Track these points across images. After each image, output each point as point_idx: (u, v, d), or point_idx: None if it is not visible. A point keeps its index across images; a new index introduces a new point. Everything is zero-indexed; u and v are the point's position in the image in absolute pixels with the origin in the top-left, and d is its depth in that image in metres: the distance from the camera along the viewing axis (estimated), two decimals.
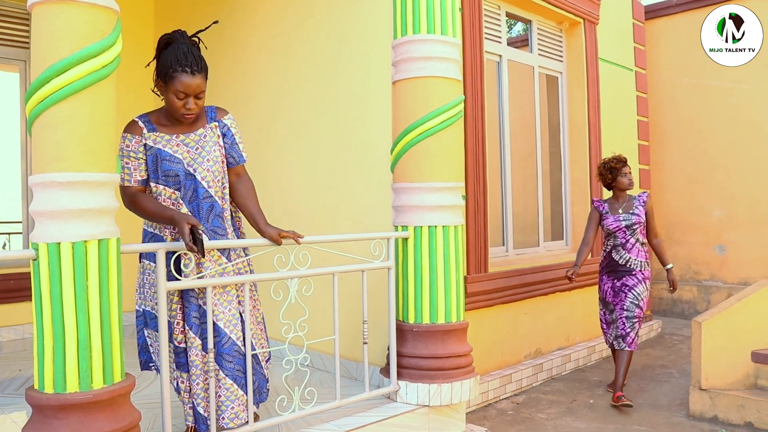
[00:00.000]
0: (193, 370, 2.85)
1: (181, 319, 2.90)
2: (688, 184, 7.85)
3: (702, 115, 7.75)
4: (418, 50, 3.58)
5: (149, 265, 2.92)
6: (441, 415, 3.63)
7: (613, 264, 4.78)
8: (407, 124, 3.59)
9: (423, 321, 3.58)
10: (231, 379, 2.90)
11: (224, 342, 2.88)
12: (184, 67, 2.77)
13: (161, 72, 2.81)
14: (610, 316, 4.85)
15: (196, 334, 2.85)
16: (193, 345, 2.85)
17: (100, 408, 2.31)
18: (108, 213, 2.39)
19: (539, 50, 5.94)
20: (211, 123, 2.99)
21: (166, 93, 2.80)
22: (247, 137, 5.16)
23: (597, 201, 4.92)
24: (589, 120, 6.14)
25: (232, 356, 2.91)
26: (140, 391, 3.92)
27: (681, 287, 7.95)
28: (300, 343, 3.24)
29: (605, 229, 4.79)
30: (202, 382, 2.86)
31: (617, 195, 4.84)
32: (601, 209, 4.84)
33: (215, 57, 5.57)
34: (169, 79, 2.77)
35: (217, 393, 2.88)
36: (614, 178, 4.81)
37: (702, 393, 4.31)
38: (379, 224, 4.09)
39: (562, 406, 4.69)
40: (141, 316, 2.99)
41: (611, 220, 4.76)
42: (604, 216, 4.80)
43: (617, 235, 4.74)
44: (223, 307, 2.90)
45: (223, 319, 2.89)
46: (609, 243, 4.81)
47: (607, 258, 4.83)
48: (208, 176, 2.89)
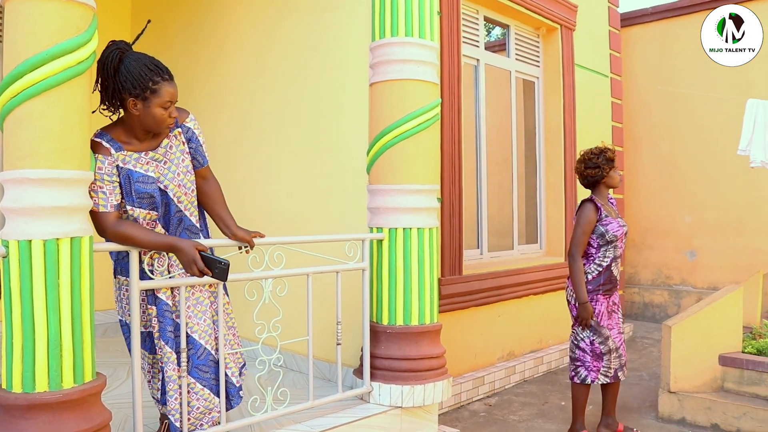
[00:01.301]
0: (170, 385, 2.78)
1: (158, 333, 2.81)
2: (661, 190, 7.97)
3: (674, 122, 7.87)
4: (396, 53, 3.60)
5: (125, 280, 2.80)
6: (414, 416, 3.64)
7: (612, 280, 3.96)
8: (384, 126, 3.61)
9: (397, 322, 3.60)
10: (208, 389, 2.88)
11: (200, 354, 2.85)
12: (164, 76, 2.64)
13: (137, 89, 2.60)
14: (603, 345, 3.93)
15: (172, 349, 2.79)
16: (169, 360, 2.78)
17: (69, 408, 2.28)
18: (81, 211, 2.37)
19: (516, 55, 5.99)
20: (174, 131, 2.83)
21: (149, 109, 2.62)
22: (223, 138, 5.16)
23: (595, 199, 4.01)
24: (565, 125, 6.20)
25: (208, 366, 2.88)
26: (111, 390, 3.88)
27: (652, 291, 8.07)
28: (273, 344, 3.23)
29: (608, 236, 3.91)
30: (179, 396, 2.80)
31: (604, 194, 4.06)
32: (600, 210, 3.96)
33: (191, 57, 5.56)
34: (152, 92, 2.60)
35: (196, 406, 2.85)
36: (609, 170, 4.01)
37: (671, 395, 4.38)
38: (354, 226, 4.10)
39: (534, 408, 4.73)
40: (125, 326, 2.90)
41: (615, 225, 3.94)
42: (603, 220, 3.94)
43: (618, 245, 3.96)
44: (198, 318, 2.86)
45: (198, 330, 2.85)
46: (607, 254, 3.94)
47: (606, 273, 3.94)
48: (178, 191, 2.79)
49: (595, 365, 3.94)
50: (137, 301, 2.68)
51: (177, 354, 2.80)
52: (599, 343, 3.92)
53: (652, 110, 8.07)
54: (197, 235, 2.91)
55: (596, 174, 4.01)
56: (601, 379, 3.95)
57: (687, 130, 7.74)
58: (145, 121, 2.65)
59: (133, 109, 2.63)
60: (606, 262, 3.94)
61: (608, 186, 4.06)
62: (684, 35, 7.86)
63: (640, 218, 8.17)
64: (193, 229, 2.89)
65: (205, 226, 3.02)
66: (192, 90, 5.49)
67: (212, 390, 2.90)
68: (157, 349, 2.85)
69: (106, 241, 2.63)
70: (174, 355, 2.80)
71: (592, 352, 3.94)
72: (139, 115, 2.64)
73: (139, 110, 2.63)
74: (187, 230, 2.87)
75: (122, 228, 2.61)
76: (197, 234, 2.91)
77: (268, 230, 4.26)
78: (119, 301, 2.90)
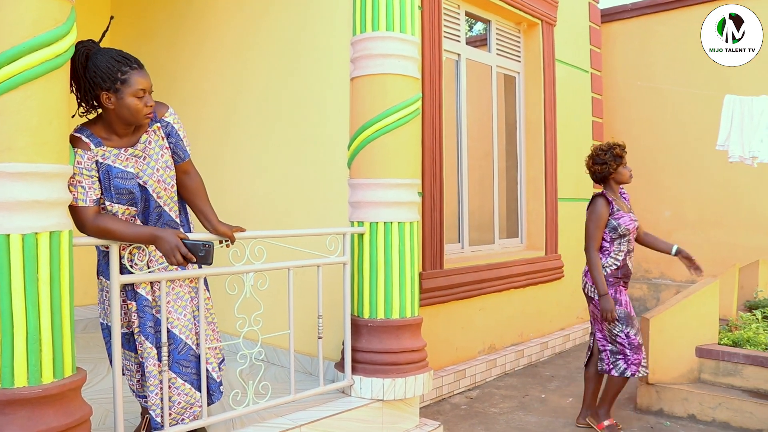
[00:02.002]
0: (151, 380, 2.78)
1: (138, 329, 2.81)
2: (641, 184, 8.03)
3: (653, 117, 7.95)
4: (377, 47, 3.61)
5: (107, 282, 2.79)
6: (395, 409, 3.66)
7: (627, 272, 4.03)
8: (365, 120, 3.62)
9: (378, 316, 3.62)
10: (189, 383, 2.89)
11: (180, 348, 2.85)
12: (132, 66, 2.63)
13: (108, 83, 2.59)
14: (638, 335, 3.96)
15: (153, 344, 2.79)
16: (150, 355, 2.78)
17: (49, 403, 2.27)
18: (60, 205, 2.35)
19: (497, 50, 6.02)
20: (153, 125, 2.81)
21: (122, 100, 2.61)
22: (205, 132, 5.14)
23: (607, 193, 4.05)
24: (545, 120, 6.24)
25: (189, 361, 2.89)
26: (92, 386, 3.87)
27: (632, 285, 8.15)
28: (255, 338, 3.24)
29: (620, 230, 3.96)
30: (159, 391, 2.80)
31: (614, 189, 4.11)
32: (612, 205, 4.00)
33: (173, 51, 5.53)
34: (123, 83, 2.59)
35: (177, 401, 2.85)
36: (617, 167, 4.06)
37: (648, 387, 4.43)
38: (335, 220, 4.10)
39: (515, 400, 4.77)
40: (106, 329, 2.88)
41: (627, 219, 3.98)
42: (615, 214, 3.98)
43: (630, 238, 4.01)
44: (178, 313, 2.86)
45: (178, 325, 2.85)
46: (621, 248, 3.98)
47: (622, 265, 3.99)
48: (158, 187, 2.78)
49: (636, 358, 3.92)
50: (117, 295, 2.67)
51: (157, 349, 2.80)
52: (634, 335, 3.91)
53: (632, 106, 8.14)
54: (177, 230, 2.89)
55: (603, 170, 4.05)
56: (641, 371, 3.93)
57: (666, 126, 7.82)
58: (121, 113, 2.64)
59: (108, 103, 2.62)
60: (621, 255, 3.97)
61: (617, 182, 4.09)
62: (663, 32, 7.94)
63: None
64: (173, 224, 2.88)
65: (186, 221, 3.02)
66: (174, 84, 5.46)
67: (193, 385, 2.90)
68: (137, 345, 2.84)
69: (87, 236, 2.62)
70: (154, 351, 2.79)
71: (630, 345, 3.91)
72: (114, 109, 2.63)
73: (113, 103, 2.62)
74: (166, 225, 2.86)
75: (101, 222, 2.61)
76: (177, 229, 2.89)
77: (251, 224, 4.25)
78: (101, 303, 2.88)
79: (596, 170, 4.10)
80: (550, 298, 6.27)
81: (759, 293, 5.92)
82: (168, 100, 4.94)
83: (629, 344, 3.91)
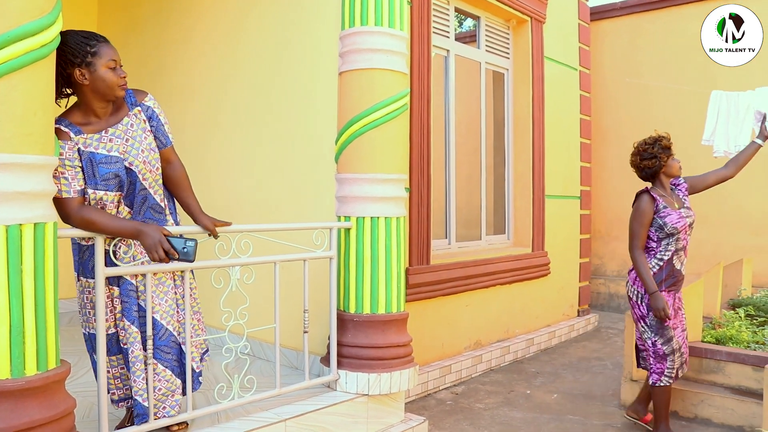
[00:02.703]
0: (137, 365, 2.76)
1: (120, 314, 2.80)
2: (627, 182, 8.03)
3: (641, 115, 8.00)
4: (366, 42, 3.60)
5: (87, 282, 2.77)
6: (380, 404, 3.67)
7: (675, 274, 3.81)
8: (353, 114, 3.62)
9: (363, 311, 3.62)
10: (170, 370, 2.88)
11: (161, 334, 2.85)
12: (99, 39, 2.65)
13: (79, 58, 2.59)
14: (666, 345, 3.77)
15: (138, 328, 2.78)
16: (135, 339, 2.77)
17: (32, 395, 2.26)
18: (45, 196, 2.34)
19: (487, 46, 6.03)
20: (134, 109, 2.82)
21: (96, 73, 2.61)
22: (192, 126, 5.12)
23: (652, 190, 3.90)
24: (534, 117, 6.26)
25: (170, 347, 2.89)
26: (77, 378, 3.85)
27: (617, 283, 8.21)
28: (240, 332, 3.24)
29: (667, 229, 3.76)
30: (146, 375, 2.79)
31: (664, 184, 3.94)
32: (657, 202, 3.82)
33: (161, 44, 5.50)
34: (93, 56, 2.60)
35: (158, 387, 2.85)
36: (668, 159, 3.89)
37: (632, 384, 4.47)
38: (322, 214, 4.10)
39: (500, 396, 4.80)
40: (89, 340, 2.85)
41: (675, 217, 3.77)
42: (662, 212, 3.79)
43: (680, 237, 3.80)
44: (160, 299, 2.86)
45: (159, 311, 2.85)
46: (669, 247, 3.79)
47: (667, 267, 3.80)
48: (143, 168, 2.77)
49: (659, 367, 3.80)
50: (102, 287, 2.66)
51: (142, 333, 2.80)
52: (662, 344, 3.77)
53: (620, 103, 8.18)
54: (161, 214, 2.88)
55: (654, 165, 3.89)
56: (664, 381, 3.80)
57: (653, 124, 7.80)
58: (96, 86, 2.64)
59: (82, 80, 2.62)
60: (667, 255, 3.79)
61: (668, 175, 3.93)
62: (652, 30, 7.98)
63: (606, 210, 8.29)
64: (157, 208, 2.87)
65: (174, 210, 3.01)
66: (162, 77, 5.43)
67: (174, 371, 2.90)
68: (119, 332, 2.81)
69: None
70: (139, 334, 2.78)
71: (655, 353, 3.80)
72: (89, 84, 2.63)
73: (88, 78, 2.62)
74: (151, 209, 2.84)
75: (86, 213, 2.61)
76: (161, 213, 2.88)
77: (238, 218, 4.24)
78: (83, 308, 2.84)
79: (646, 166, 3.92)
80: (536, 295, 6.30)
81: (742, 291, 5.98)
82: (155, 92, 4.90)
83: (654, 352, 3.80)
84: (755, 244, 7.23)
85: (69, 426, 2.37)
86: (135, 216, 2.79)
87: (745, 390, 4.18)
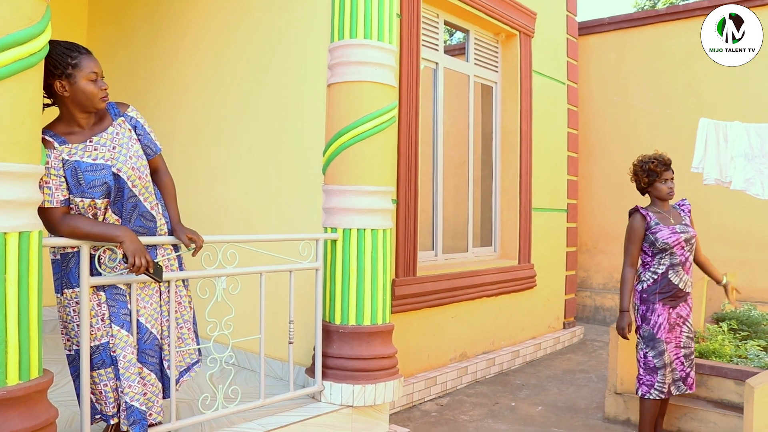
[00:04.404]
0: (131, 369, 2.73)
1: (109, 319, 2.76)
2: (613, 195, 8.14)
3: (627, 130, 8.07)
4: (355, 55, 3.63)
5: (74, 292, 2.74)
6: (364, 415, 3.67)
7: (671, 288, 3.84)
8: (341, 126, 3.64)
9: (349, 322, 3.63)
10: (154, 374, 2.88)
11: (146, 338, 2.85)
12: (80, 51, 2.66)
13: (60, 70, 2.61)
14: (657, 359, 3.81)
15: (128, 331, 2.76)
16: (127, 344, 2.74)
17: (14, 405, 2.25)
18: (30, 205, 2.34)
19: (475, 60, 6.07)
20: (118, 119, 2.84)
21: (76, 86, 2.63)
22: (180, 134, 5.12)
23: (642, 208, 3.97)
24: (521, 130, 6.31)
25: (154, 351, 2.88)
26: (59, 387, 3.82)
27: (603, 295, 8.25)
28: (226, 342, 3.23)
29: (659, 244, 3.82)
30: (141, 379, 2.77)
31: (657, 203, 4.00)
32: (648, 219, 3.90)
33: (150, 54, 5.51)
34: (74, 68, 2.62)
35: (143, 391, 2.83)
36: (651, 183, 3.97)
37: (617, 397, 4.49)
38: (309, 225, 4.11)
39: (485, 408, 4.80)
40: (74, 360, 2.80)
41: (667, 233, 3.83)
42: (653, 228, 3.86)
43: (675, 252, 3.84)
44: (145, 302, 2.86)
45: (144, 314, 2.85)
46: (663, 262, 3.85)
47: (662, 281, 3.85)
48: (132, 174, 2.77)
49: (648, 379, 3.83)
50: (87, 294, 2.65)
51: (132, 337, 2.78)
52: (653, 357, 3.81)
53: (607, 118, 8.26)
54: (152, 222, 2.88)
55: (638, 185, 4.06)
56: (653, 394, 3.81)
57: (639, 139, 7.93)
58: (77, 98, 2.66)
59: (63, 92, 2.64)
60: (661, 269, 3.84)
61: (656, 197, 3.99)
62: (639, 46, 8.07)
63: (593, 224, 8.35)
64: (148, 216, 2.86)
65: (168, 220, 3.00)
66: (151, 86, 5.43)
67: (156, 375, 2.90)
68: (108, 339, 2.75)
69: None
70: (131, 338, 2.76)
71: (646, 365, 3.84)
72: (70, 96, 2.65)
73: (68, 90, 2.64)
74: (141, 216, 2.84)
75: (70, 221, 2.62)
76: (152, 221, 2.88)
77: (224, 228, 4.24)
78: (69, 323, 2.77)
79: (633, 181, 4.09)
80: (522, 307, 6.32)
81: (726, 306, 6.02)
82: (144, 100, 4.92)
83: (644, 364, 3.84)
84: (739, 259, 7.30)
85: None
86: (124, 223, 2.79)
87: (728, 403, 4.21)
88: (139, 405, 2.74)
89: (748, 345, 4.65)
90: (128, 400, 2.73)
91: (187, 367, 3.07)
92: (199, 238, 2.96)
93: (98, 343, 2.75)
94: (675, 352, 3.87)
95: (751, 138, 5.57)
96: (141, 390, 2.76)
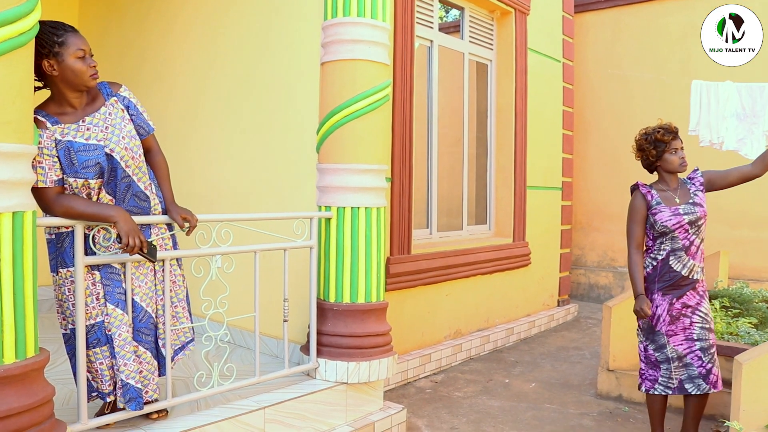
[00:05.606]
0: (127, 347, 2.75)
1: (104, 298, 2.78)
2: (608, 173, 8.16)
3: (622, 108, 8.06)
4: (348, 33, 3.61)
5: (69, 272, 2.75)
6: (359, 392, 3.71)
7: (672, 275, 3.46)
8: (334, 105, 3.63)
9: (343, 300, 3.65)
10: (149, 352, 2.90)
11: (141, 317, 2.87)
12: (66, 29, 2.65)
13: (47, 49, 2.59)
14: (659, 353, 3.49)
15: (123, 310, 2.78)
16: (122, 322, 2.76)
17: (10, 383, 2.26)
18: (23, 185, 2.33)
19: (470, 37, 6.04)
20: (110, 99, 2.84)
21: (65, 64, 2.61)
22: (173, 114, 5.10)
23: (643, 185, 3.60)
24: (516, 108, 6.30)
25: (149, 329, 2.90)
26: (56, 366, 3.85)
27: (597, 273, 8.30)
28: (221, 320, 3.25)
29: (657, 227, 3.46)
30: (133, 354, 2.79)
31: (665, 178, 3.58)
32: (649, 198, 3.52)
33: (142, 33, 5.46)
34: (61, 45, 2.60)
35: (139, 369, 2.86)
36: (660, 155, 3.53)
37: (609, 373, 4.54)
38: (303, 204, 4.11)
39: (479, 385, 4.85)
40: (70, 339, 2.81)
41: (667, 215, 3.44)
42: (654, 208, 3.49)
43: (677, 236, 3.45)
44: (140, 281, 2.88)
45: (139, 293, 2.87)
46: (664, 247, 3.48)
47: (661, 267, 3.48)
48: (125, 155, 2.78)
49: (651, 374, 3.54)
50: (82, 274, 2.67)
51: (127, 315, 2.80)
52: (653, 350, 3.51)
53: (602, 96, 8.24)
54: (146, 202, 2.89)
55: (645, 160, 3.63)
56: (658, 389, 3.52)
57: (634, 116, 7.91)
58: (66, 77, 2.64)
59: (52, 71, 2.63)
60: (661, 255, 3.48)
61: (666, 171, 3.57)
62: (635, 23, 8.03)
63: (587, 202, 8.37)
64: (142, 196, 2.87)
65: (162, 200, 3.01)
66: (143, 66, 5.40)
67: (152, 353, 2.92)
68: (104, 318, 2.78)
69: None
70: (126, 317, 2.78)
71: (647, 359, 3.55)
72: (59, 75, 2.64)
73: (57, 69, 2.63)
74: (135, 197, 2.85)
75: (64, 201, 2.62)
76: (146, 201, 2.89)
77: (219, 207, 4.24)
78: (65, 302, 2.79)
79: (640, 158, 3.65)
80: (517, 285, 6.36)
81: (719, 283, 6.07)
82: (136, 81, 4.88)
83: (645, 358, 3.56)
84: (732, 237, 7.34)
85: (48, 414, 2.38)
86: (118, 203, 2.80)
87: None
88: (134, 383, 2.76)
89: (740, 322, 4.69)
90: (124, 378, 2.75)
91: (181, 346, 3.10)
92: (193, 218, 2.97)
93: (93, 322, 2.77)
94: (688, 345, 3.45)
95: (743, 97, 5.59)
96: (137, 368, 2.79)
